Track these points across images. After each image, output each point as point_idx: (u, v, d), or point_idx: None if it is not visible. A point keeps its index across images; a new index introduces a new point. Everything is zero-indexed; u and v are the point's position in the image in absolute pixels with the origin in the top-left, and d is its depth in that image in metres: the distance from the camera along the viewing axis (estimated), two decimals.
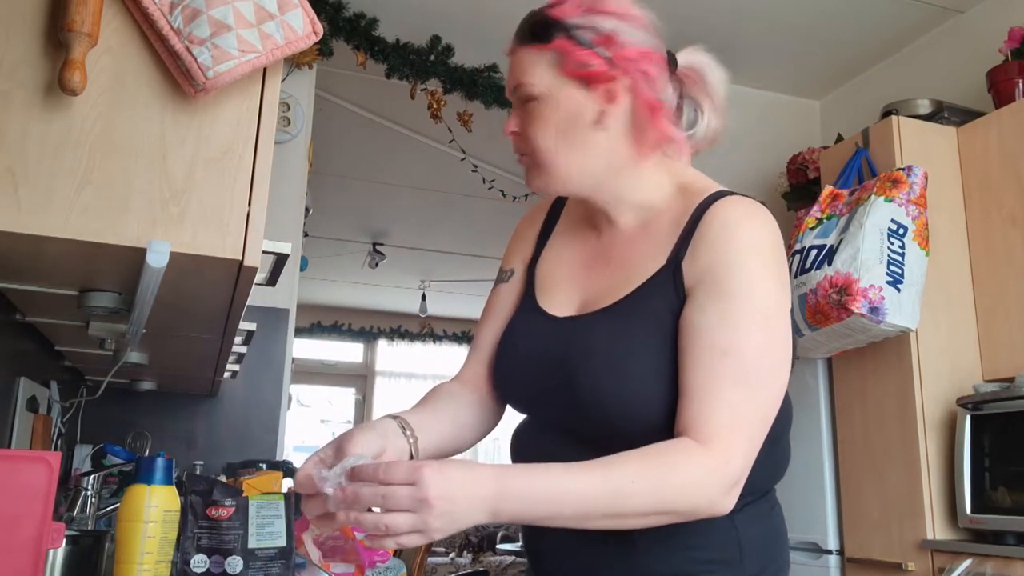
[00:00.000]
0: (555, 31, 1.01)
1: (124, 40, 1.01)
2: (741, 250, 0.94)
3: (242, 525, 1.27)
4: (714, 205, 0.99)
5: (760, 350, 0.91)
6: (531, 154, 1.03)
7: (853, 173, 2.78)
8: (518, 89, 1.02)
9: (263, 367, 2.96)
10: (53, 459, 0.88)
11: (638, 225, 1.06)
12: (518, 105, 1.04)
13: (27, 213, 0.95)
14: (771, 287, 0.94)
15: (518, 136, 1.04)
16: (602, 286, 1.04)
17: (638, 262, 1.02)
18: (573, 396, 0.97)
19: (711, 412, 0.88)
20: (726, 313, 0.92)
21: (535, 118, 1.01)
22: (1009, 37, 2.75)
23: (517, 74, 1.03)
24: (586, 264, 1.10)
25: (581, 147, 1.01)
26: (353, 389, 8.34)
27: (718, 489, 0.87)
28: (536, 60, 1.01)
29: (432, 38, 3.28)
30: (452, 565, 6.61)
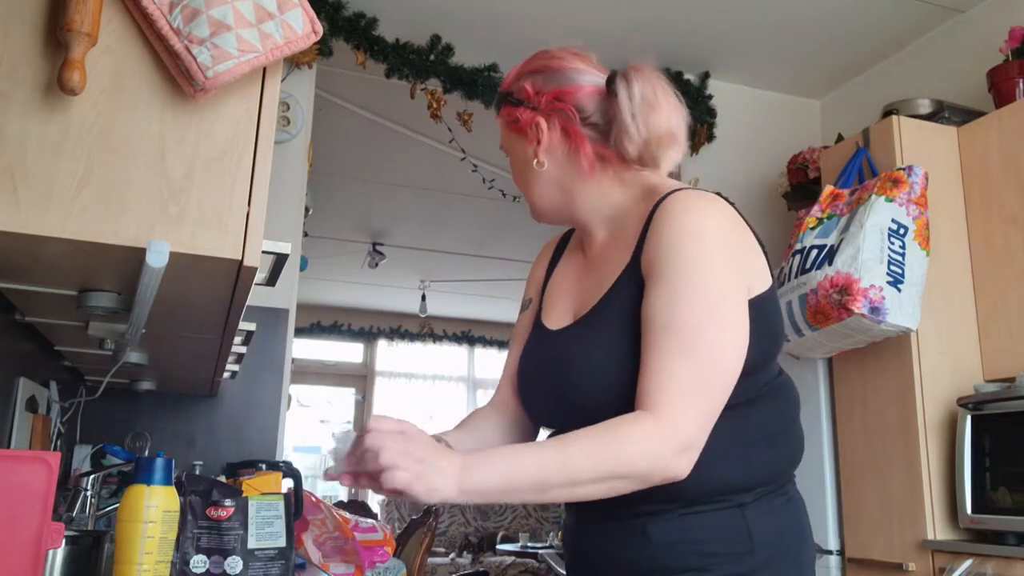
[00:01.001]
0: (500, 101, 1.23)
1: (124, 40, 1.01)
2: (683, 236, 1.02)
3: (242, 525, 1.27)
4: (664, 200, 1.07)
5: (701, 321, 0.98)
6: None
7: (853, 173, 2.78)
8: (503, 149, 1.24)
9: (263, 367, 2.96)
10: (52, 459, 0.88)
11: (610, 235, 1.18)
12: None
13: (26, 213, 0.95)
14: (713, 265, 1.01)
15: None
16: (586, 294, 1.16)
17: (611, 266, 1.13)
18: (569, 401, 1.08)
19: (657, 384, 0.96)
20: (667, 293, 1.00)
21: (512, 168, 1.23)
22: (1009, 37, 2.74)
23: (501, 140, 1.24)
24: (577, 278, 1.22)
25: (536, 183, 1.19)
26: (353, 389, 8.33)
27: (668, 453, 0.93)
28: (500, 126, 1.24)
29: (432, 38, 3.28)
30: (452, 565, 6.61)
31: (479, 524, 7.46)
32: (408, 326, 8.28)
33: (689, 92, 3.66)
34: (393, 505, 7.24)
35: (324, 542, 1.84)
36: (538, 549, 6.33)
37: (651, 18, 3.28)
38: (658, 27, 3.34)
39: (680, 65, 3.63)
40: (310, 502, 1.82)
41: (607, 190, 1.17)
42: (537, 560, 6.31)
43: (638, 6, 3.21)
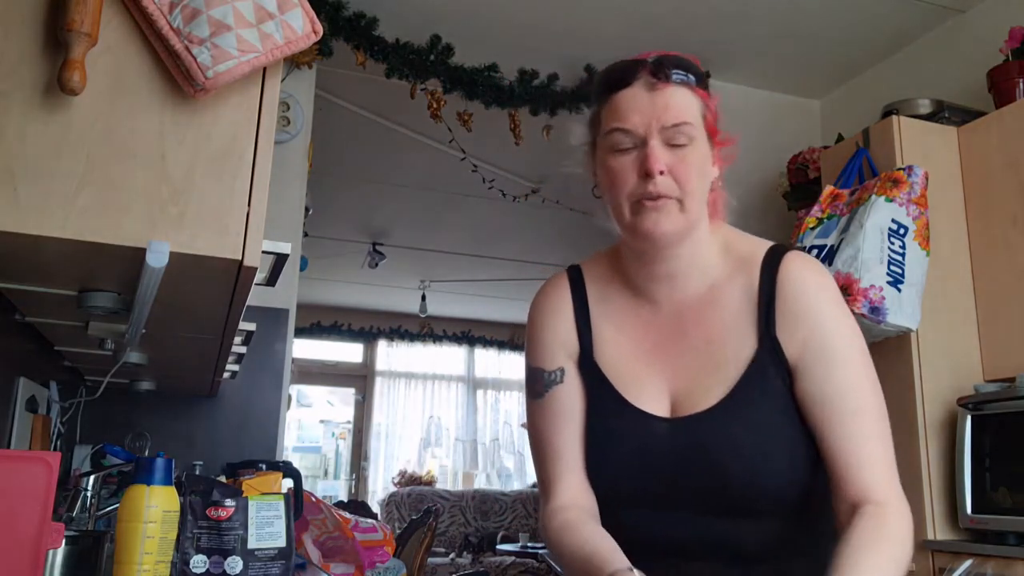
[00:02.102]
0: (702, 79, 1.04)
1: (124, 40, 1.01)
2: (827, 311, 1.02)
3: (242, 525, 1.27)
4: (781, 271, 1.03)
5: (877, 393, 1.01)
6: (678, 198, 1.00)
7: (854, 173, 2.78)
8: (678, 129, 1.00)
9: (263, 367, 2.96)
10: (52, 459, 0.88)
11: (703, 293, 1.06)
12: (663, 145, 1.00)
13: (26, 213, 0.95)
14: (855, 330, 1.03)
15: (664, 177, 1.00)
16: (692, 372, 1.04)
17: (724, 341, 1.04)
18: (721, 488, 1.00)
19: (874, 474, 0.97)
20: (844, 375, 0.99)
21: (690, 161, 1.01)
22: (1009, 37, 2.74)
23: (679, 112, 1.00)
24: (659, 344, 1.07)
25: (703, 201, 1.04)
26: (353, 389, 8.33)
27: (911, 535, 0.95)
28: (692, 103, 1.02)
29: (432, 38, 3.28)
30: (452, 565, 6.61)
31: (479, 524, 7.46)
32: (408, 326, 8.28)
33: None
34: (393, 505, 7.24)
35: (324, 542, 1.84)
36: (538, 549, 6.33)
37: (651, 18, 3.28)
38: (658, 27, 3.34)
39: None
40: (310, 502, 1.83)
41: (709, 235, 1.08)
42: (537, 560, 6.31)
43: (638, 6, 3.21)
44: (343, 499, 7.12)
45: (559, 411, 1.10)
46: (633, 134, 1.00)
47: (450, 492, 7.67)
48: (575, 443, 1.08)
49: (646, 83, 1.01)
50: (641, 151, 1.00)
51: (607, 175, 1.03)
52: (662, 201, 0.99)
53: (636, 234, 1.02)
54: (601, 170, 1.05)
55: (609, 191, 1.04)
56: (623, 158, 1.01)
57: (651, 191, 0.99)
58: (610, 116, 1.03)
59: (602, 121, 1.04)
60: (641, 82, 1.01)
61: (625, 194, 1.01)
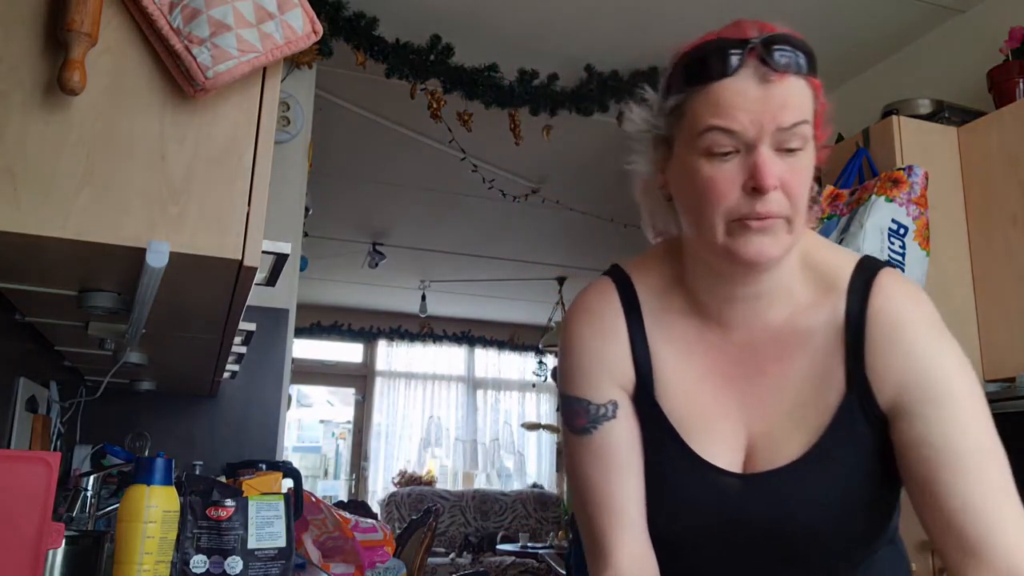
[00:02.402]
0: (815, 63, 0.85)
1: (124, 40, 1.01)
2: (928, 345, 0.87)
3: (242, 525, 1.27)
4: (872, 298, 0.88)
5: (991, 430, 0.86)
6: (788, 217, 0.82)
7: (853, 173, 2.78)
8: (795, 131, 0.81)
9: (263, 367, 2.96)
10: (52, 459, 0.88)
11: (783, 322, 0.90)
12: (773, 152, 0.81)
13: (26, 213, 0.95)
14: (963, 363, 0.88)
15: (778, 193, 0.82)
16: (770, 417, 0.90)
17: (808, 381, 0.89)
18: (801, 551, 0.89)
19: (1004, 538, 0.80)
20: (953, 418, 0.84)
21: (802, 169, 0.82)
22: (1009, 37, 2.74)
23: (799, 111, 0.82)
24: (730, 380, 0.92)
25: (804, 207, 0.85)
26: (353, 389, 8.34)
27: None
28: (807, 96, 0.83)
29: (432, 38, 3.28)
30: (452, 565, 6.61)
31: (479, 524, 7.46)
32: (408, 326, 8.28)
33: None
34: (393, 505, 7.24)
35: (324, 542, 1.84)
36: (538, 549, 6.33)
37: (651, 18, 3.28)
38: (658, 27, 3.34)
39: None
40: (310, 502, 1.83)
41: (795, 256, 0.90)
42: (537, 560, 6.31)
43: (638, 6, 3.21)
44: (343, 499, 7.12)
45: (612, 454, 0.92)
46: (740, 136, 0.81)
47: (450, 492, 7.68)
48: (635, 495, 0.91)
49: (756, 72, 0.81)
50: (747, 158, 0.81)
51: (696, 183, 0.83)
52: (770, 222, 0.81)
53: (733, 259, 0.83)
54: (685, 175, 0.86)
55: (696, 203, 0.85)
56: (722, 165, 0.82)
57: (760, 211, 0.81)
58: (706, 110, 0.82)
59: (691, 114, 0.84)
60: (750, 70, 0.81)
61: (722, 210, 0.82)
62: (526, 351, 8.62)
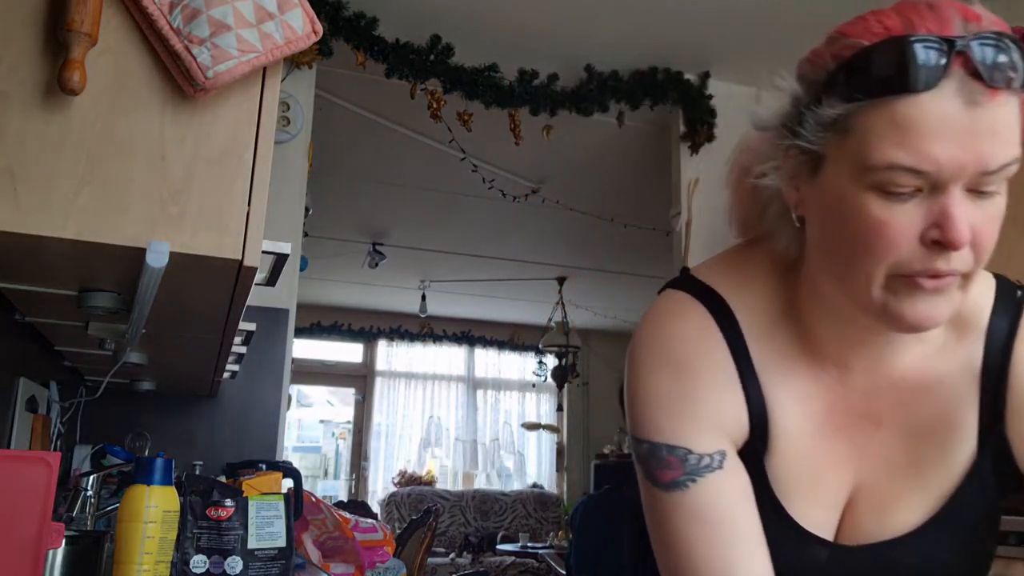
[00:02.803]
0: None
1: (124, 40, 1.01)
2: None
3: (242, 525, 1.27)
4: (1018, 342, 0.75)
5: None
6: (968, 274, 0.66)
7: None
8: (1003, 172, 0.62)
9: (263, 367, 2.96)
10: (52, 459, 0.88)
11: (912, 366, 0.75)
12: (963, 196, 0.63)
13: (26, 213, 0.95)
14: None
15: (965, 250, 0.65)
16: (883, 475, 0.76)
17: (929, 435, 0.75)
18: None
19: None
20: None
21: (995, 217, 0.65)
22: None
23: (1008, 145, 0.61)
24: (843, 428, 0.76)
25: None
26: (353, 389, 8.34)
27: None
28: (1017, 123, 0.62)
29: (432, 38, 3.28)
30: (452, 565, 6.61)
31: (479, 524, 7.46)
32: (408, 326, 8.28)
33: (689, 92, 3.66)
34: (393, 505, 7.24)
35: (324, 542, 1.84)
36: (538, 549, 6.33)
37: (651, 18, 3.28)
38: (658, 27, 3.34)
39: (680, 65, 3.63)
40: (310, 502, 1.83)
41: None
42: (537, 560, 6.31)
43: (638, 6, 3.21)
44: (343, 499, 7.13)
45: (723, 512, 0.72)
46: (932, 178, 0.61)
47: (450, 492, 7.68)
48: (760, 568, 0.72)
49: (963, 88, 0.60)
50: (933, 202, 0.63)
51: (860, 225, 0.65)
52: (948, 280, 0.65)
53: (889, 320, 0.67)
54: (841, 209, 0.66)
55: (852, 247, 0.66)
56: (900, 207, 0.63)
57: (941, 269, 0.64)
58: (887, 136, 0.62)
59: (861, 135, 0.63)
60: (954, 84, 0.60)
61: (888, 263, 0.64)
62: (526, 351, 8.62)
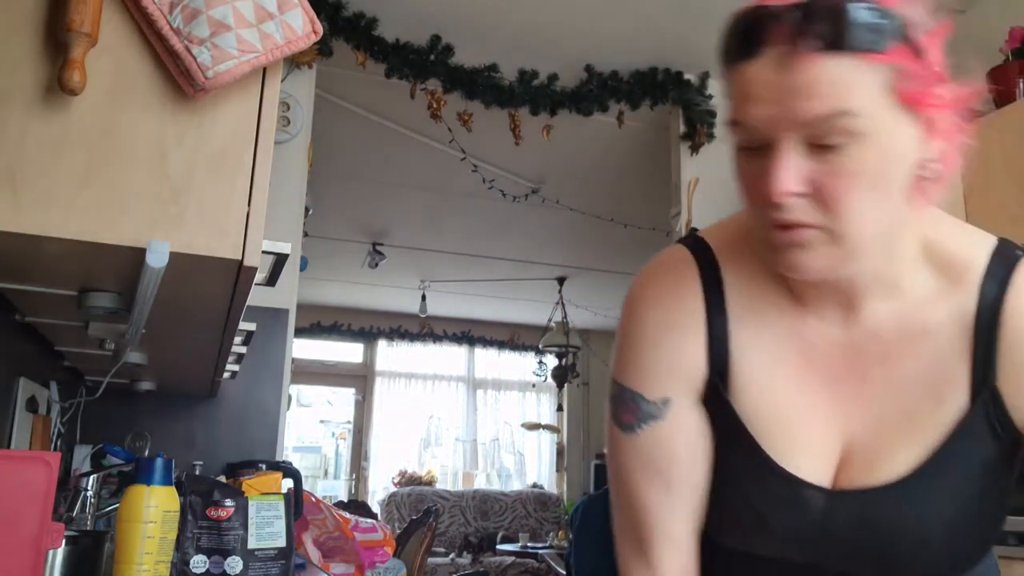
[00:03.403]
0: (894, 32, 0.67)
1: (124, 40, 1.01)
2: None
3: (242, 525, 1.27)
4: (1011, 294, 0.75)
5: None
6: (826, 228, 0.69)
7: None
8: (830, 124, 0.65)
9: (263, 367, 2.96)
10: (52, 459, 0.88)
11: (889, 319, 0.77)
12: (801, 148, 0.67)
13: (26, 213, 0.95)
14: None
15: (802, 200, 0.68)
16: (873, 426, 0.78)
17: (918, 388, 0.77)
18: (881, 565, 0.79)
19: None
20: None
21: (850, 170, 0.67)
22: (1009, 37, 2.74)
23: (832, 100, 0.65)
24: (824, 379, 0.79)
25: (885, 206, 0.69)
26: (353, 389, 8.34)
27: None
28: (859, 81, 0.65)
29: (432, 38, 3.28)
30: (452, 565, 6.61)
31: (479, 524, 7.46)
32: (408, 326, 8.28)
33: (689, 92, 3.66)
34: (393, 505, 7.24)
35: (324, 542, 1.84)
36: (538, 549, 6.33)
37: (651, 18, 3.28)
38: (658, 27, 3.34)
39: (680, 65, 3.63)
40: (310, 502, 1.83)
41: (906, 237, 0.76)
42: (537, 560, 6.31)
43: (638, 6, 3.21)
44: (343, 499, 7.12)
45: (655, 460, 0.80)
46: (757, 133, 0.68)
47: (450, 492, 7.68)
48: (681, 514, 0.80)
49: (778, 54, 0.66)
50: (768, 159, 0.68)
51: (738, 180, 0.73)
52: (800, 233, 0.69)
53: (778, 267, 0.73)
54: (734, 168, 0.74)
55: (743, 200, 0.74)
56: (755, 162, 0.70)
57: (778, 219, 0.69)
58: (731, 99, 0.70)
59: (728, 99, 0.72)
60: (773, 51, 0.66)
61: (760, 214, 0.71)
62: (526, 351, 8.62)
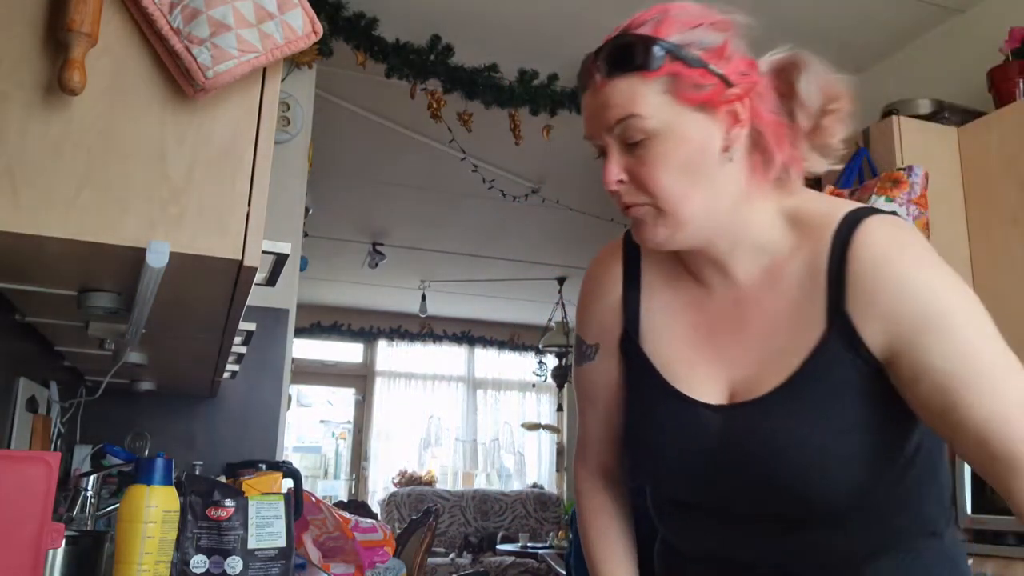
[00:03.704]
0: (660, 54, 0.88)
1: (124, 40, 1.01)
2: (915, 271, 0.88)
3: (242, 525, 1.27)
4: (856, 236, 0.88)
5: (1000, 343, 0.87)
6: (651, 203, 0.89)
7: (854, 173, 2.78)
8: (625, 126, 0.87)
9: (263, 367, 2.96)
10: (52, 459, 0.88)
11: (760, 274, 0.94)
12: (619, 148, 0.89)
13: (26, 213, 0.95)
14: (959, 285, 0.90)
15: (624, 186, 0.90)
16: (750, 358, 0.92)
17: (785, 324, 0.91)
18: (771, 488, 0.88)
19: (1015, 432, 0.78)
20: (955, 342, 0.84)
21: (652, 159, 0.87)
22: (1009, 37, 2.75)
23: (619, 109, 0.87)
24: (711, 330, 0.96)
25: (708, 184, 0.88)
26: (353, 389, 8.34)
27: None
28: (642, 91, 0.87)
29: (432, 38, 3.28)
30: (452, 565, 6.61)
31: (479, 524, 7.46)
32: (408, 326, 8.29)
33: None
34: (393, 505, 7.24)
35: (324, 542, 1.84)
36: (538, 549, 6.33)
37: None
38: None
39: None
40: (310, 502, 1.83)
41: (763, 208, 0.93)
42: (537, 560, 6.31)
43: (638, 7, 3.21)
44: (343, 499, 7.12)
45: (588, 388, 1.07)
46: (595, 142, 0.92)
47: (450, 492, 7.68)
48: (598, 425, 1.07)
49: (593, 84, 0.91)
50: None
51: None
52: (636, 210, 0.90)
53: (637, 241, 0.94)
54: None
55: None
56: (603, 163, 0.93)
57: (618, 203, 0.92)
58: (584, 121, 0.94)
59: None
60: (591, 83, 0.91)
61: (614, 202, 0.93)
62: (526, 351, 8.63)
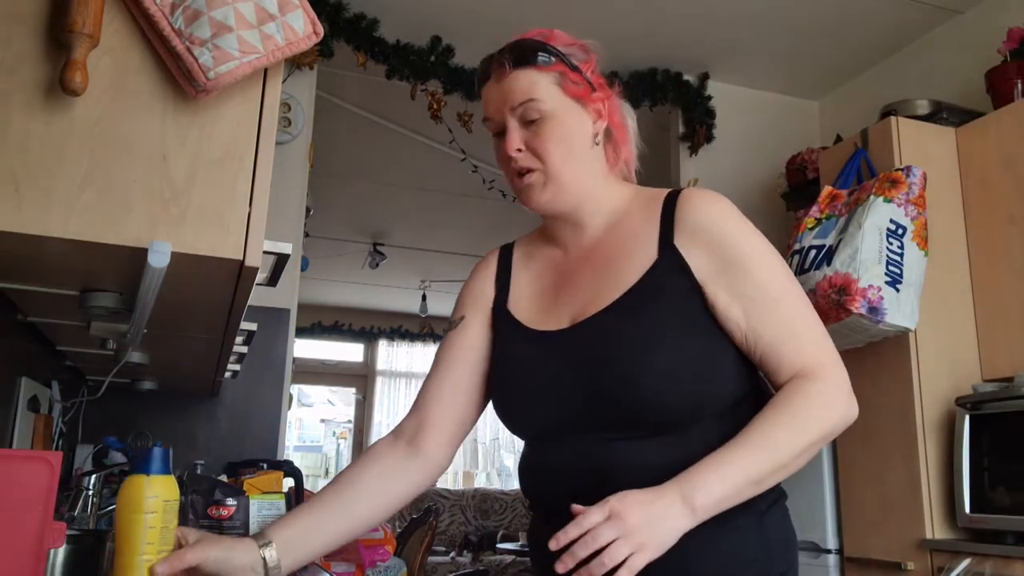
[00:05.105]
0: (552, 55, 1.11)
1: (125, 41, 1.02)
2: (727, 221, 1.07)
3: (243, 524, 1.28)
4: (682, 194, 1.10)
5: (791, 278, 1.06)
6: (541, 170, 1.10)
7: (852, 173, 2.78)
8: (526, 107, 1.09)
9: (264, 367, 2.97)
10: (54, 459, 0.89)
11: (606, 229, 1.14)
12: (519, 125, 1.10)
13: (28, 213, 0.95)
14: (759, 236, 1.09)
15: (522, 153, 1.10)
16: (592, 290, 1.10)
17: (624, 258, 1.09)
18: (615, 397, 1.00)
19: (798, 347, 1.02)
20: (757, 272, 1.04)
21: (545, 133, 1.09)
22: (1008, 37, 2.75)
23: (522, 93, 1.10)
24: (564, 279, 1.15)
25: (582, 161, 1.12)
26: (353, 389, 8.34)
27: (843, 403, 1.01)
28: (540, 81, 1.10)
29: (432, 39, 3.29)
30: (452, 564, 6.62)
31: (479, 523, 7.47)
32: (408, 326, 8.29)
33: (688, 93, 3.67)
34: None
35: None
36: None
37: (651, 19, 3.29)
38: (657, 28, 3.35)
39: (679, 66, 3.64)
40: None
41: (612, 187, 1.17)
42: None
43: (638, 7, 3.22)
44: None
45: (442, 353, 1.22)
46: (494, 122, 1.12)
47: (450, 491, 7.68)
48: (437, 389, 1.20)
49: (496, 75, 1.12)
50: (504, 137, 1.11)
51: (495, 155, 1.15)
52: (527, 176, 1.10)
53: (522, 203, 1.14)
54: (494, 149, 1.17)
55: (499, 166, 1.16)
56: (499, 142, 1.12)
57: (513, 167, 1.11)
58: (483, 106, 1.14)
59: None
60: (495, 75, 1.12)
61: (504, 171, 1.14)
62: None
